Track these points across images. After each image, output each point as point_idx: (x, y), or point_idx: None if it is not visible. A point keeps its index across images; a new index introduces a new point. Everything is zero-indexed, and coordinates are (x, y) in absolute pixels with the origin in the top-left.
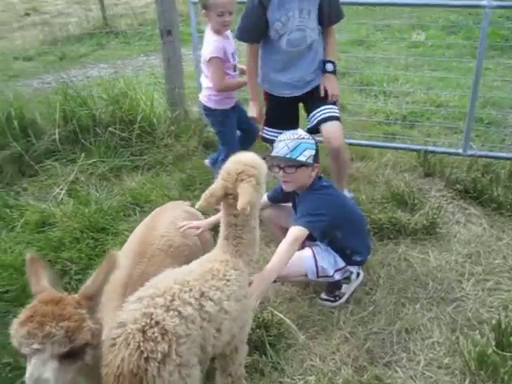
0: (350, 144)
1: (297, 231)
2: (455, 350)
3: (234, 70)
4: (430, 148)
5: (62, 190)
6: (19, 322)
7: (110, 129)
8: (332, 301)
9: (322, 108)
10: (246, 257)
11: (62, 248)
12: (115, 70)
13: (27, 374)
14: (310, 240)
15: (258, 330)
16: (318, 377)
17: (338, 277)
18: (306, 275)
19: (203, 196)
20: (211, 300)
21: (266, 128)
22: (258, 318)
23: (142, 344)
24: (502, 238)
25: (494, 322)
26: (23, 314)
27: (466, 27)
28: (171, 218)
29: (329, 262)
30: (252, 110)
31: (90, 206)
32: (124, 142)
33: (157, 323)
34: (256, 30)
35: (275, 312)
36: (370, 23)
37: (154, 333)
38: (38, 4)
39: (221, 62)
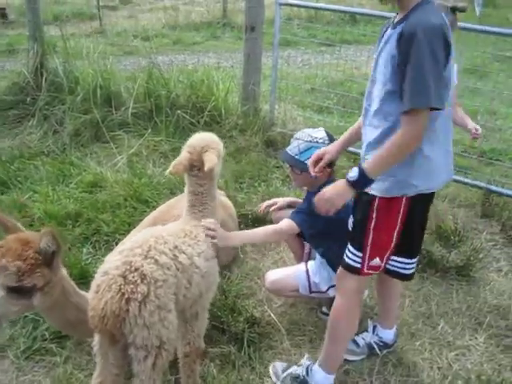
0: None
1: (286, 224)
2: None
3: None
4: (494, 188)
5: (122, 158)
6: None
7: (181, 111)
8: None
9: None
10: None
11: (103, 210)
12: (218, 61)
13: None
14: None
15: (241, 324)
16: None
17: (332, 293)
18: (298, 290)
19: (172, 164)
20: (184, 253)
21: None
22: (248, 312)
23: (123, 287)
24: None
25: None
26: None
27: None
28: None
29: (322, 277)
30: None
31: (142, 178)
32: (192, 126)
33: (136, 269)
34: None
35: (268, 311)
36: (488, 52)
37: (133, 277)
38: None
39: None
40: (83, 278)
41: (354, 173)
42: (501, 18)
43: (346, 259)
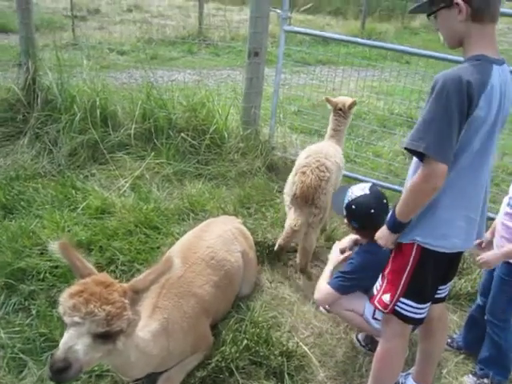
0: None
1: (326, 291)
2: None
3: None
4: (492, 215)
5: (126, 182)
6: (69, 292)
7: (182, 134)
8: (363, 346)
9: None
10: None
11: (115, 237)
12: (200, 79)
13: (62, 340)
14: None
15: (279, 358)
16: None
17: None
18: (362, 313)
19: None
20: None
21: None
22: (283, 345)
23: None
24: None
25: None
26: (75, 287)
27: None
28: (220, 232)
29: None
30: None
31: (149, 203)
32: (193, 149)
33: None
34: None
35: (300, 344)
36: None
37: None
38: (142, 2)
39: None
40: None
41: (389, 216)
42: None
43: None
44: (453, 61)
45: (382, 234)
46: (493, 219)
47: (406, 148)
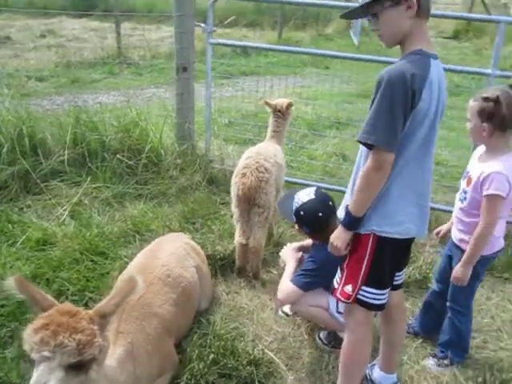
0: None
1: (290, 289)
2: None
3: None
4: (435, 206)
5: (65, 210)
6: (34, 328)
7: (118, 156)
8: (325, 344)
9: None
10: None
11: (61, 268)
12: (127, 99)
13: (32, 379)
14: None
15: (248, 367)
16: None
17: None
18: (327, 308)
19: None
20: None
21: None
22: (249, 354)
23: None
24: (491, 297)
25: (479, 379)
26: (38, 321)
27: (468, 90)
28: (172, 249)
29: None
30: None
31: (91, 229)
32: (130, 169)
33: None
34: None
35: (266, 351)
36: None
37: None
38: (55, 27)
39: None
40: None
41: (342, 214)
42: (375, 44)
43: (334, 280)
44: (367, 60)
45: (339, 235)
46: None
47: (358, 141)
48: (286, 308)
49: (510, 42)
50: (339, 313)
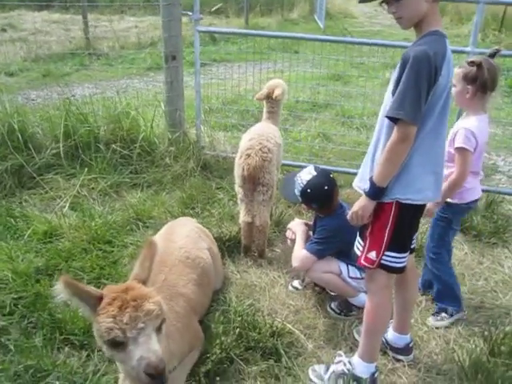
0: (337, 171)
1: (304, 256)
2: (451, 359)
3: None
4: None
5: (65, 202)
6: (113, 313)
7: (113, 145)
8: (338, 313)
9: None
10: None
11: (73, 258)
12: (102, 91)
13: (139, 354)
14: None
15: (271, 339)
16: None
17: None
18: (339, 273)
19: None
20: None
21: None
22: (271, 326)
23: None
24: (483, 261)
25: (485, 333)
26: (111, 307)
27: None
28: (186, 232)
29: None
30: None
31: (94, 219)
32: (124, 159)
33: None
34: None
35: (285, 322)
36: (346, 60)
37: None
38: (15, 20)
39: None
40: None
41: (367, 185)
42: (340, 28)
43: (355, 248)
44: (338, 41)
45: (363, 204)
46: None
47: (386, 116)
48: (296, 283)
49: (467, 21)
50: (351, 277)
